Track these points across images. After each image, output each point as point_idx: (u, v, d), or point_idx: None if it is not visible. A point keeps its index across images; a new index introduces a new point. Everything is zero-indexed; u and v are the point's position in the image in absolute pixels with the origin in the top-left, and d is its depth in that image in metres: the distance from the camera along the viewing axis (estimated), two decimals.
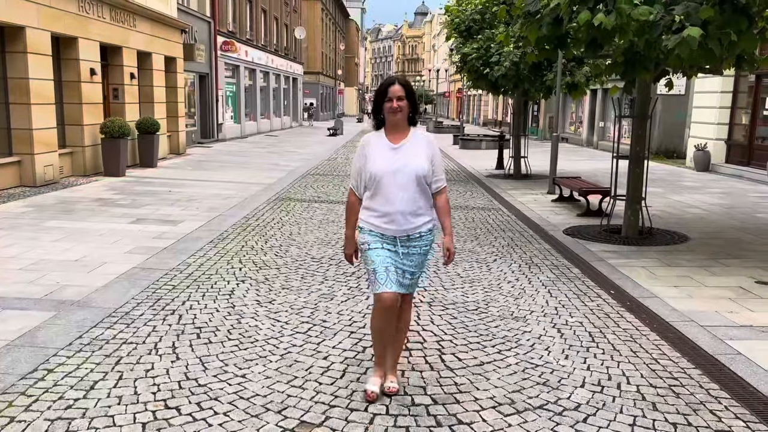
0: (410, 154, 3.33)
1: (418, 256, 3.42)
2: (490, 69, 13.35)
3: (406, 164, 3.30)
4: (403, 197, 3.30)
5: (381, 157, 3.32)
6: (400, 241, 3.36)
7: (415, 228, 3.36)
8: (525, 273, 6.30)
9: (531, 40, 7.27)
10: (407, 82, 3.39)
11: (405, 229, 3.34)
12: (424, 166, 3.32)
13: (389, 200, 3.30)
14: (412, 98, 3.35)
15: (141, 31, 15.32)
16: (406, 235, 3.36)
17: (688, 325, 4.76)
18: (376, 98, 3.38)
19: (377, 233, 3.36)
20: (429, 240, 3.45)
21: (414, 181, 3.30)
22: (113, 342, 4.19)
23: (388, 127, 3.39)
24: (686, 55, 5.70)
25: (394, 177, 3.29)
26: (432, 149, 3.40)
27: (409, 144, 3.36)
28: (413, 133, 3.41)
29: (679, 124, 20.61)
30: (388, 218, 3.32)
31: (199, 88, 23.22)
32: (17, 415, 3.19)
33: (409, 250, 3.38)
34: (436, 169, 3.41)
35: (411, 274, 3.44)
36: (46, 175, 11.33)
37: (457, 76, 34.64)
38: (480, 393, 3.58)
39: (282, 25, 37.82)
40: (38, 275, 5.64)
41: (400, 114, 3.33)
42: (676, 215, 9.80)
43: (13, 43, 10.67)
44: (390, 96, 3.30)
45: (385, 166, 3.30)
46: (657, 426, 3.24)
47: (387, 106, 3.32)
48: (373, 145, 3.38)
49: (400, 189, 3.29)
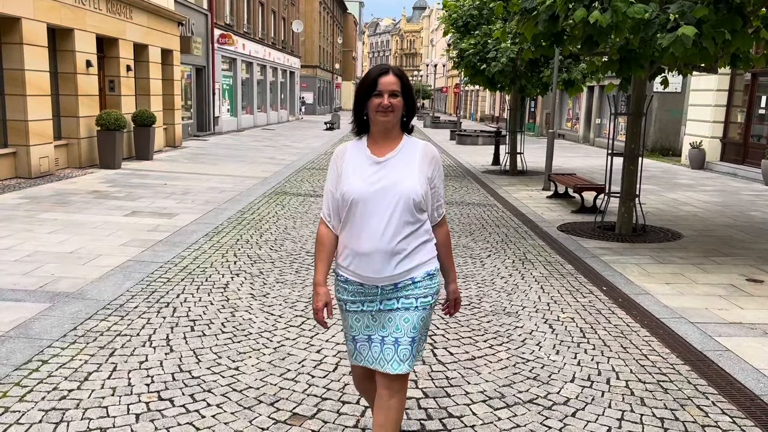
0: (400, 170, 2.40)
1: (412, 312, 2.43)
2: (487, 65, 13.37)
3: (394, 184, 2.37)
4: (388, 231, 2.36)
5: (358, 174, 2.40)
6: (383, 293, 2.43)
7: (405, 273, 2.41)
8: (518, 269, 6.34)
9: (527, 36, 7.29)
10: (403, 73, 2.43)
11: (390, 275, 2.39)
12: (418, 189, 2.37)
13: (368, 235, 2.37)
14: (409, 95, 2.42)
15: (138, 23, 15.27)
16: (391, 284, 2.42)
17: (678, 321, 4.80)
18: (359, 92, 2.42)
19: (355, 284, 2.45)
20: (428, 289, 2.45)
21: (404, 208, 2.36)
22: (107, 334, 4.22)
23: (373, 134, 2.46)
24: (681, 54, 5.74)
25: (375, 202, 2.36)
26: (433, 166, 2.46)
27: (399, 157, 2.42)
28: (406, 143, 2.47)
29: (675, 121, 20.67)
30: (367, 260, 2.39)
31: (195, 81, 23.17)
32: (11, 405, 3.22)
33: (396, 304, 2.42)
34: (437, 193, 2.50)
35: (400, 343, 2.41)
36: (41, 167, 11.31)
37: (455, 72, 34.66)
38: (471, 387, 3.62)
39: (279, 18, 37.72)
40: (33, 267, 5.65)
41: (392, 116, 2.38)
42: (670, 213, 9.85)
43: (9, 34, 10.64)
44: (380, 90, 2.35)
45: (362, 187, 2.37)
46: (644, 420, 3.29)
47: (375, 104, 2.37)
48: (350, 157, 2.46)
49: (384, 219, 2.36)
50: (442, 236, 2.57)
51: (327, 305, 2.49)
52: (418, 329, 2.44)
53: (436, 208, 2.53)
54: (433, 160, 2.47)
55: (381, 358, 2.44)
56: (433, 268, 2.49)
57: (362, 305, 2.47)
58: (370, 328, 2.48)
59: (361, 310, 2.48)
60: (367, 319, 2.48)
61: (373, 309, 2.46)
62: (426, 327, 2.51)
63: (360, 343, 2.49)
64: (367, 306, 2.47)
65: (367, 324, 2.48)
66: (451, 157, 18.80)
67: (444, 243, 2.58)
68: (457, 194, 11.47)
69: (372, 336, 2.47)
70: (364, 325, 2.49)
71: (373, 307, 2.46)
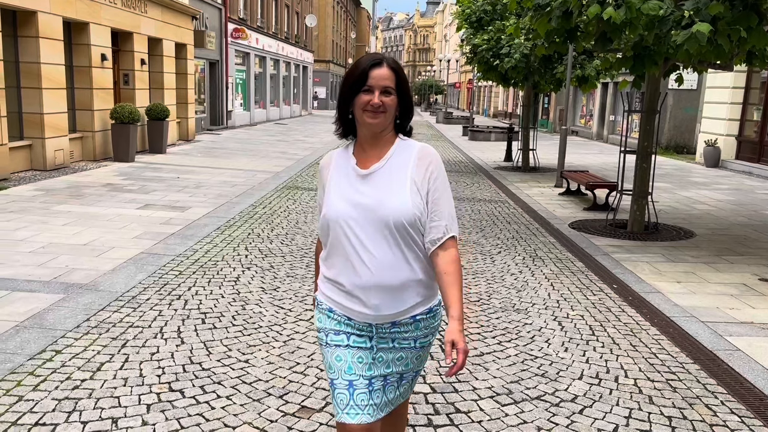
0: (387, 184, 1.96)
1: (408, 351, 2.07)
2: (501, 61, 13.31)
3: (378, 205, 1.94)
4: (378, 260, 1.94)
5: (340, 190, 2.00)
6: (379, 332, 2.03)
7: (404, 312, 2.01)
8: (528, 266, 6.33)
9: (540, 32, 7.25)
10: (399, 67, 2.01)
11: (387, 314, 1.99)
12: (409, 207, 1.93)
13: (355, 265, 1.96)
14: (405, 92, 2.00)
15: (152, 17, 15.36)
16: (388, 323, 2.02)
17: (688, 320, 4.78)
18: (345, 86, 2.00)
19: (342, 316, 2.04)
20: (428, 327, 2.08)
21: (391, 231, 1.93)
22: (120, 325, 4.27)
23: (360, 139, 2.04)
24: (695, 51, 5.69)
25: (360, 227, 1.94)
26: (429, 172, 1.98)
27: (388, 167, 1.98)
28: (398, 149, 2.02)
29: (690, 119, 20.48)
30: (355, 296, 1.98)
31: (209, 75, 23.27)
32: (25, 394, 3.27)
33: (393, 344, 2.05)
34: (440, 207, 1.99)
35: (396, 383, 2.09)
36: (56, 160, 11.43)
37: (468, 67, 34.56)
38: (478, 383, 3.63)
39: (293, 13, 37.75)
40: (48, 258, 5.73)
41: (383, 117, 1.95)
42: (683, 211, 9.78)
43: (26, 28, 10.75)
44: (371, 85, 1.93)
45: (342, 209, 1.96)
46: (652, 419, 3.29)
47: (362, 102, 1.94)
48: (335, 169, 2.05)
49: (371, 245, 1.94)
50: (446, 263, 1.98)
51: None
52: (411, 368, 2.11)
53: (435, 229, 1.98)
54: (430, 165, 1.98)
55: (376, 405, 2.01)
56: (437, 302, 2.09)
57: (348, 338, 2.03)
58: (353, 369, 2.01)
59: (346, 345, 2.03)
60: (352, 357, 2.01)
61: (363, 344, 2.03)
62: (422, 363, 2.16)
63: (338, 390, 2.01)
64: (355, 341, 2.02)
65: (355, 361, 2.01)
66: (464, 153, 18.76)
67: (448, 271, 1.98)
68: (468, 190, 11.45)
69: (354, 382, 2.00)
70: (351, 362, 2.01)
71: (363, 341, 2.02)
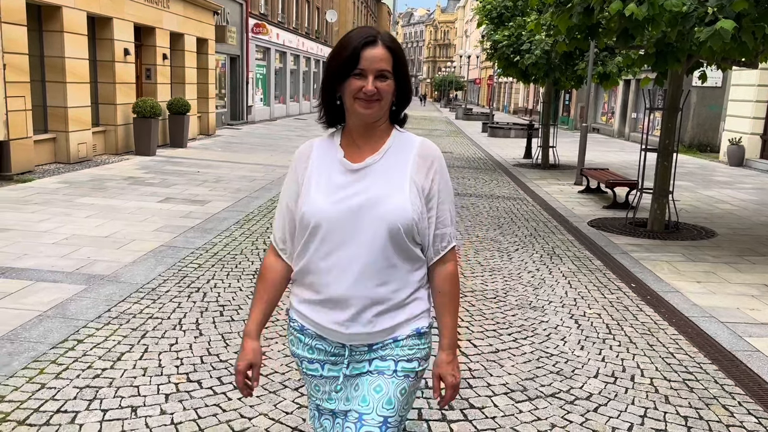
0: (384, 183, 1.67)
1: (387, 379, 1.71)
2: (521, 57, 13.23)
3: (375, 204, 1.65)
4: (364, 271, 1.66)
5: (323, 187, 1.70)
6: (352, 354, 1.74)
7: (385, 332, 1.71)
8: (546, 263, 6.30)
9: (561, 29, 7.21)
10: (397, 45, 1.68)
11: (363, 332, 1.70)
12: (408, 210, 1.65)
13: (335, 275, 1.68)
14: (403, 75, 1.69)
15: (174, 12, 15.50)
16: (365, 345, 1.73)
17: (707, 320, 4.74)
18: (332, 67, 1.68)
19: (314, 337, 1.75)
20: (415, 351, 1.75)
21: (388, 238, 1.65)
22: (140, 316, 4.34)
23: (349, 128, 1.74)
24: (718, 48, 5.62)
25: (346, 229, 1.66)
26: (432, 174, 1.72)
27: (384, 163, 1.70)
28: (396, 142, 1.74)
29: (714, 117, 20.18)
30: (331, 308, 1.70)
31: (229, 70, 23.42)
32: (48, 382, 3.35)
33: (368, 367, 1.74)
34: (444, 213, 1.74)
35: (365, 422, 1.69)
36: (79, 153, 11.61)
37: (488, 63, 34.36)
38: (493, 379, 3.64)
39: (313, 8, 37.83)
40: (70, 250, 5.83)
41: (377, 106, 1.65)
42: (704, 210, 9.66)
43: (51, 22, 10.91)
44: (363, 68, 1.62)
45: (327, 208, 1.67)
46: (668, 418, 3.27)
47: (354, 88, 1.63)
48: (316, 161, 1.76)
49: (359, 254, 1.65)
50: (443, 280, 1.76)
51: (253, 368, 1.78)
52: (394, 406, 1.69)
53: (438, 238, 1.73)
54: (433, 165, 1.71)
55: None
56: (427, 325, 1.77)
57: (322, 367, 1.76)
58: (333, 401, 1.77)
59: (321, 375, 1.77)
60: (328, 387, 1.77)
61: (337, 374, 1.75)
62: (408, 405, 1.75)
63: (324, 416, 1.82)
64: (329, 370, 1.76)
65: (329, 395, 1.78)
66: (483, 150, 18.69)
67: (444, 290, 1.76)
68: (486, 187, 11.42)
69: (335, 411, 1.78)
70: (325, 396, 1.78)
71: (338, 371, 1.75)
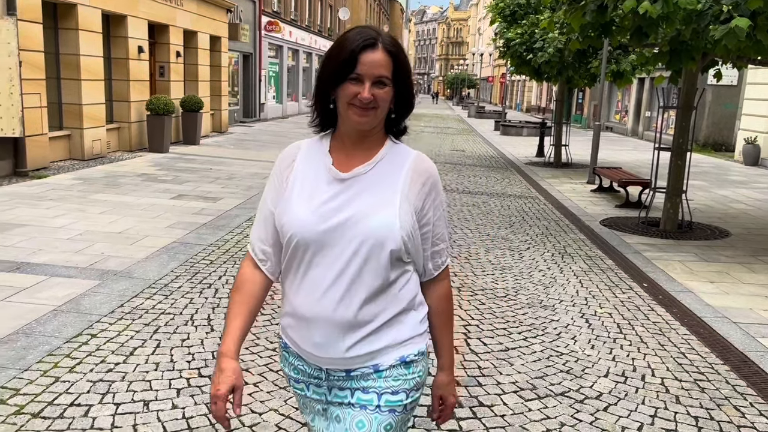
0: (372, 196, 1.54)
1: (370, 414, 1.57)
2: (534, 55, 13.18)
3: (360, 219, 1.52)
4: (339, 290, 1.53)
5: (306, 195, 1.57)
6: (331, 379, 1.61)
7: (363, 358, 1.57)
8: (557, 262, 6.29)
9: (575, 27, 7.17)
10: (399, 48, 1.55)
11: (338, 358, 1.57)
12: (396, 228, 1.51)
13: (309, 293, 1.56)
14: (404, 82, 1.56)
15: (187, 9, 15.59)
16: (343, 371, 1.59)
17: (720, 321, 4.71)
18: (327, 69, 1.55)
19: (296, 356, 1.65)
20: (401, 382, 1.59)
21: (370, 256, 1.52)
22: (152, 312, 4.38)
23: (341, 134, 1.61)
24: (733, 46, 5.57)
25: (326, 245, 1.53)
26: (427, 191, 1.59)
27: (375, 174, 1.57)
28: (390, 153, 1.60)
29: (730, 116, 19.98)
30: (307, 329, 1.57)
31: (242, 68, 23.50)
32: (62, 375, 3.39)
33: (350, 398, 1.60)
34: (436, 228, 1.63)
35: None
36: (93, 149, 11.72)
37: (501, 61, 34.23)
38: (502, 377, 3.64)
39: (326, 6, 37.85)
40: (84, 245, 5.90)
41: (373, 114, 1.53)
42: (719, 210, 9.58)
43: (66, 20, 11.02)
44: (361, 73, 1.49)
45: (309, 220, 1.54)
46: (678, 419, 3.26)
47: (349, 93, 1.50)
48: (302, 165, 1.62)
49: (334, 271, 1.53)
50: (439, 299, 1.67)
51: (235, 392, 1.54)
52: None
53: (432, 257, 1.64)
54: (428, 183, 1.59)
55: None
56: (415, 352, 1.61)
57: (307, 388, 1.65)
58: (316, 425, 1.67)
59: (305, 396, 1.67)
60: (313, 409, 1.67)
61: (321, 398, 1.64)
62: None
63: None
64: (314, 392, 1.64)
65: (314, 416, 1.67)
66: (495, 148, 18.64)
67: (441, 310, 1.68)
68: (498, 186, 11.39)
69: None
70: (312, 416, 1.68)
71: (321, 395, 1.64)
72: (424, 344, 1.64)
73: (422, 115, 38.38)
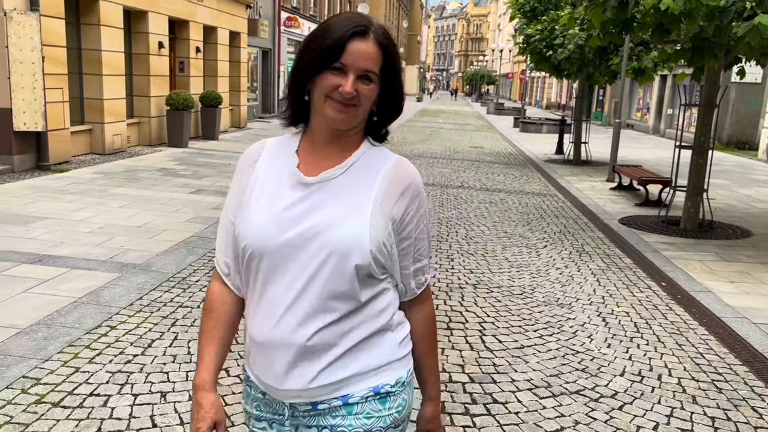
0: (339, 203, 1.34)
1: None
2: (554, 51, 13.08)
3: (323, 229, 1.32)
4: (297, 310, 1.34)
5: (265, 201, 1.38)
6: (295, 415, 1.41)
7: (328, 388, 1.37)
8: (575, 260, 6.25)
9: (595, 23, 7.11)
10: (389, 40, 1.36)
11: (299, 388, 1.36)
12: (364, 240, 1.31)
13: (269, 313, 1.36)
14: (392, 80, 1.38)
15: (207, 5, 15.69)
16: (308, 404, 1.38)
17: (739, 321, 4.65)
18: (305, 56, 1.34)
19: (258, 389, 1.45)
20: (374, 419, 1.38)
21: (334, 271, 1.32)
22: (170, 305, 4.44)
23: (312, 131, 1.41)
24: (757, 43, 5.49)
25: (285, 257, 1.34)
26: (407, 201, 1.39)
27: (345, 179, 1.37)
28: (366, 156, 1.41)
29: (754, 113, 19.67)
30: (264, 356, 1.39)
31: (261, 64, 23.61)
32: (82, 366, 3.45)
33: None
34: (418, 242, 1.42)
35: None
36: (114, 144, 11.86)
37: (521, 58, 34.03)
38: (517, 375, 3.63)
39: (345, 1, 37.88)
40: (105, 239, 5.98)
41: (353, 112, 1.34)
42: (741, 209, 9.45)
43: (88, 16, 11.15)
44: (345, 64, 1.30)
45: (265, 228, 1.35)
46: (695, 419, 3.23)
47: (328, 85, 1.31)
48: (264, 165, 1.43)
49: (297, 287, 1.33)
50: (422, 322, 1.48)
51: (218, 427, 1.41)
52: None
53: (413, 274, 1.43)
54: (408, 191, 1.39)
55: None
56: (392, 382, 1.39)
57: (270, 426, 1.44)
58: None
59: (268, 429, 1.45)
60: None
61: None
62: None
63: None
64: (278, 430, 1.44)
65: None
66: (513, 145, 18.54)
67: (425, 334, 1.48)
68: (516, 183, 11.34)
69: None
70: None
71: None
72: (404, 372, 1.42)
73: (441, 111, 38.28)
